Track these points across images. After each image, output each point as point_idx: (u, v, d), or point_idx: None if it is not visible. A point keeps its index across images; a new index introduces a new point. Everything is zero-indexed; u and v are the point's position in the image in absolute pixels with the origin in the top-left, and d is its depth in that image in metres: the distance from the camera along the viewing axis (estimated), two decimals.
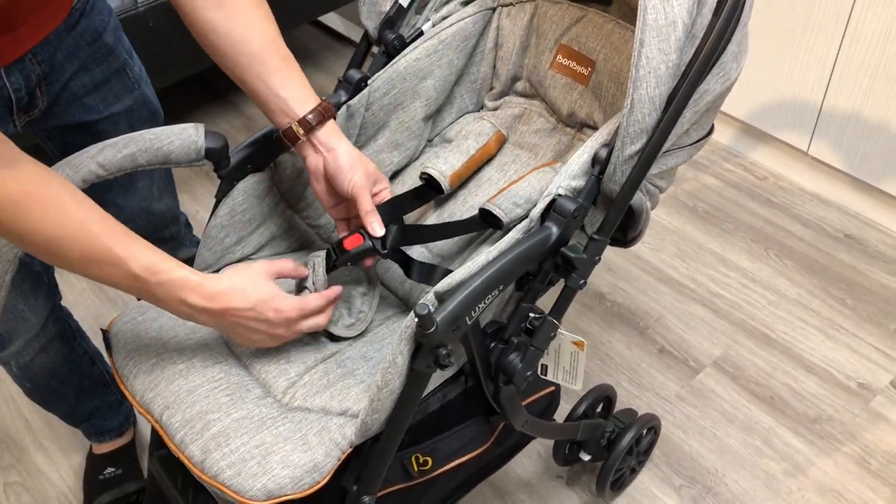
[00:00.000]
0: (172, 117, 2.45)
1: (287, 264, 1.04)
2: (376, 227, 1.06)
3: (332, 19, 2.82)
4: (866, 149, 1.95)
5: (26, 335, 1.28)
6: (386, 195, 1.11)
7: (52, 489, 1.60)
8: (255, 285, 0.97)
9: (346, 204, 1.11)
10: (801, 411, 1.67)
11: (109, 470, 1.57)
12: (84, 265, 0.90)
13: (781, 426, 1.64)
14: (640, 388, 1.71)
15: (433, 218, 1.24)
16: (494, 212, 1.12)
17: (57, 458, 1.65)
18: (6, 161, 0.86)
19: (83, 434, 1.56)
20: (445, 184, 1.19)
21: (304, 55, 2.76)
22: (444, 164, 1.20)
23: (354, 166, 1.06)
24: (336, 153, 1.06)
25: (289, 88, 1.06)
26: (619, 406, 1.54)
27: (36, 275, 1.25)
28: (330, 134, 1.06)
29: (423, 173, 1.21)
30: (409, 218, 1.24)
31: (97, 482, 1.56)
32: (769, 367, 1.74)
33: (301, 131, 1.05)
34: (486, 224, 1.17)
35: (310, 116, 1.05)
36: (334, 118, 1.08)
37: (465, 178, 1.23)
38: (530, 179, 1.15)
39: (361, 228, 1.07)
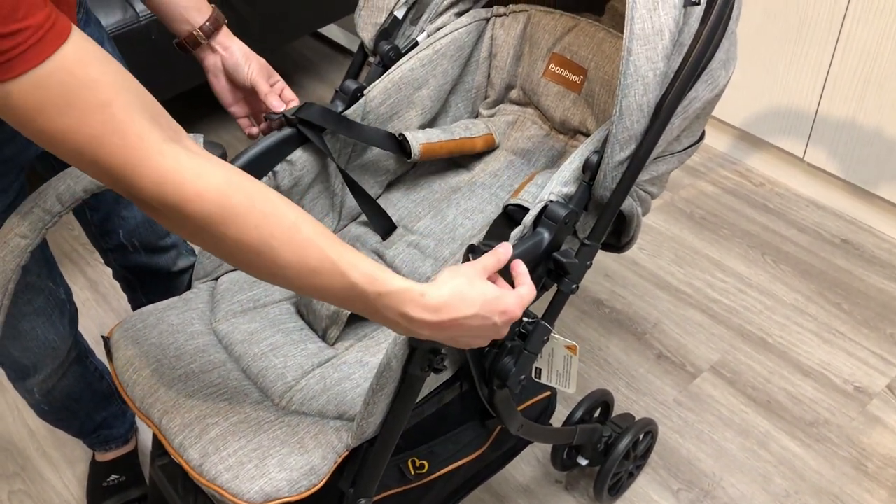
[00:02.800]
0: None
1: (489, 260, 0.90)
2: (275, 104, 1.17)
3: (332, 31, 2.85)
4: (861, 154, 1.97)
5: (53, 364, 1.29)
6: (281, 86, 1.20)
7: (55, 497, 1.62)
8: (475, 287, 0.85)
9: (245, 99, 1.22)
10: (798, 415, 1.68)
11: (113, 477, 1.58)
12: (297, 273, 0.80)
13: (778, 430, 1.65)
14: (638, 394, 1.73)
15: (427, 220, 1.26)
16: (525, 205, 1.11)
17: (61, 467, 1.67)
18: (205, 157, 0.79)
19: (88, 445, 1.58)
20: (416, 150, 1.23)
21: (306, 66, 2.78)
22: (422, 134, 1.24)
23: (249, 59, 1.17)
24: (231, 50, 1.16)
25: None
26: (618, 411, 1.55)
27: (62, 303, 1.26)
28: (224, 35, 1.16)
29: (399, 133, 1.24)
30: (402, 218, 1.26)
31: (101, 490, 1.58)
32: (766, 372, 1.76)
33: (203, 37, 1.14)
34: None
35: (208, 24, 1.13)
36: (226, 23, 1.17)
37: (436, 156, 1.26)
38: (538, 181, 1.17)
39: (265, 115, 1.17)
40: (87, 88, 0.73)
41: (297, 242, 0.79)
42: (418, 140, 1.23)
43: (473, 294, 0.84)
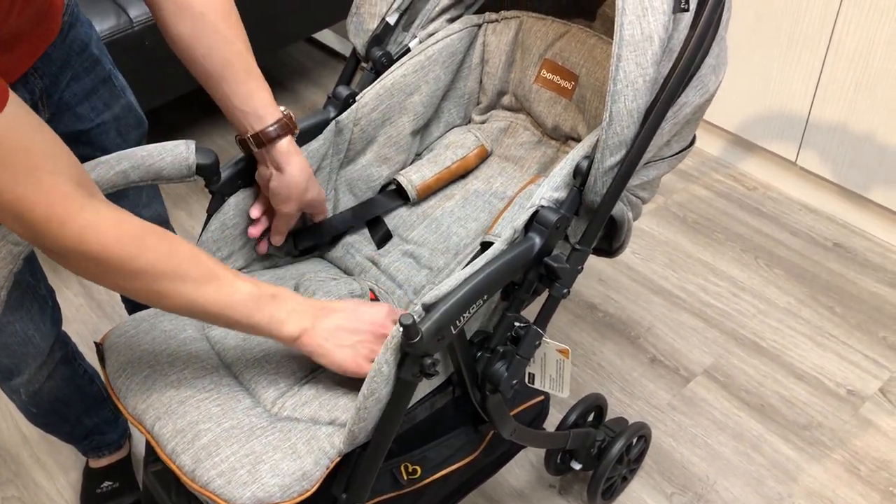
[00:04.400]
0: (171, 133, 2.49)
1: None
2: (277, 240, 1.20)
3: (326, 36, 2.85)
4: (853, 159, 1.98)
5: (35, 362, 1.29)
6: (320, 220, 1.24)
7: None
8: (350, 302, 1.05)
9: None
10: (791, 418, 1.68)
11: (107, 484, 1.58)
12: (199, 288, 0.93)
13: (772, 433, 1.66)
14: (631, 398, 1.73)
15: (421, 228, 1.26)
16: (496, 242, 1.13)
17: (55, 473, 1.66)
18: (117, 208, 0.90)
19: (81, 451, 1.58)
20: (413, 193, 1.23)
21: (300, 72, 2.79)
22: (415, 174, 1.24)
23: (291, 196, 1.14)
24: (285, 175, 1.13)
25: (247, 103, 1.10)
26: (611, 415, 1.55)
27: (42, 298, 1.27)
28: (282, 153, 1.12)
29: (394, 180, 1.25)
30: (396, 226, 1.26)
31: (94, 496, 1.58)
32: (759, 376, 1.76)
33: (254, 146, 1.12)
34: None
35: (269, 129, 1.10)
36: (293, 133, 1.13)
37: (434, 190, 1.27)
38: (520, 202, 1.17)
39: None
40: (19, 153, 0.81)
41: (196, 264, 0.93)
42: (413, 183, 1.25)
43: (346, 302, 1.04)
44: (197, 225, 2.19)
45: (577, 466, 1.47)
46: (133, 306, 1.55)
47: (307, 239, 1.25)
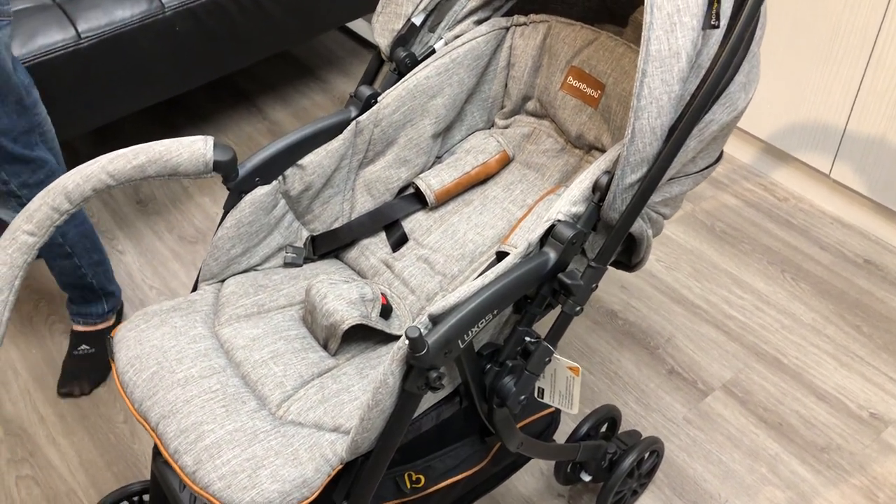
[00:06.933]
0: (199, 119, 2.50)
1: None
2: None
3: (359, 26, 2.84)
4: (889, 174, 1.92)
5: None
6: None
7: (62, 484, 1.63)
8: None
9: None
10: (809, 439, 1.65)
11: (84, 347, 1.77)
12: None
13: (789, 454, 1.63)
14: (646, 409, 1.71)
15: (437, 234, 1.25)
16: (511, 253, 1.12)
17: (69, 455, 1.68)
18: None
19: (70, 315, 1.77)
20: (431, 198, 1.22)
21: (331, 60, 2.78)
22: (434, 178, 1.23)
23: None
24: None
25: None
26: (625, 426, 1.53)
27: None
28: None
29: (412, 184, 1.23)
30: (413, 230, 1.25)
31: (71, 356, 1.78)
32: (779, 393, 1.73)
33: None
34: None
35: None
36: None
37: (453, 195, 1.25)
38: (538, 211, 1.15)
39: None
40: None
41: None
42: (432, 188, 1.23)
43: None
44: (221, 211, 2.19)
45: (586, 478, 1.45)
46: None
47: (325, 244, 1.24)
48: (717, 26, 0.93)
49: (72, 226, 1.65)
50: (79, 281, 1.72)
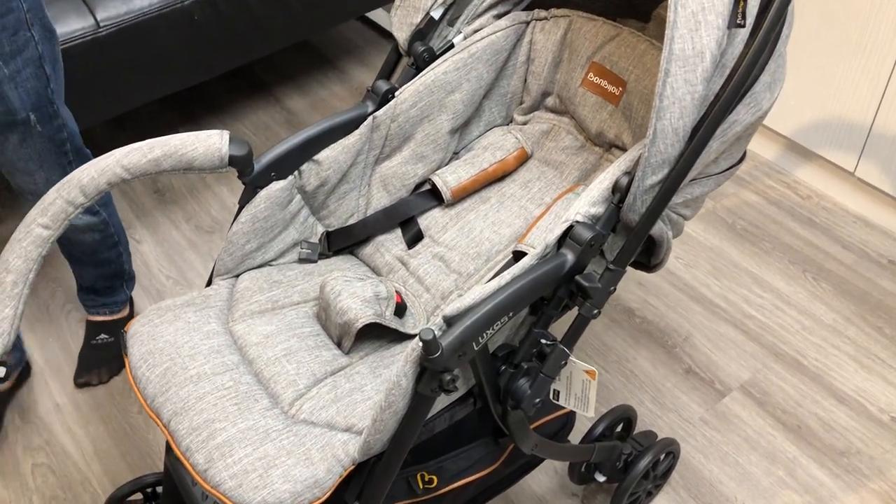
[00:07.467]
0: (217, 108, 2.49)
1: None
2: None
3: (379, 15, 2.82)
4: None
5: None
6: None
7: (76, 473, 1.64)
8: None
9: None
10: (828, 443, 1.62)
11: (103, 336, 1.77)
12: None
13: (807, 457, 1.60)
14: (662, 409, 1.69)
15: (453, 231, 1.23)
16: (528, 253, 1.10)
17: (84, 444, 1.69)
18: None
19: (89, 307, 1.76)
20: (447, 195, 1.20)
21: (350, 50, 2.76)
22: (451, 175, 1.21)
23: None
24: None
25: None
26: (641, 426, 1.51)
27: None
28: None
29: (429, 180, 1.22)
30: (428, 227, 1.24)
31: (90, 346, 1.78)
32: (798, 395, 1.70)
33: None
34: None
35: None
36: None
37: (470, 192, 1.23)
38: (556, 210, 1.13)
39: None
40: None
41: None
42: (448, 185, 1.22)
43: None
44: (238, 201, 2.18)
45: (601, 478, 1.44)
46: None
47: (340, 240, 1.23)
48: (743, 25, 0.90)
49: (111, 212, 1.64)
50: (118, 269, 1.73)
